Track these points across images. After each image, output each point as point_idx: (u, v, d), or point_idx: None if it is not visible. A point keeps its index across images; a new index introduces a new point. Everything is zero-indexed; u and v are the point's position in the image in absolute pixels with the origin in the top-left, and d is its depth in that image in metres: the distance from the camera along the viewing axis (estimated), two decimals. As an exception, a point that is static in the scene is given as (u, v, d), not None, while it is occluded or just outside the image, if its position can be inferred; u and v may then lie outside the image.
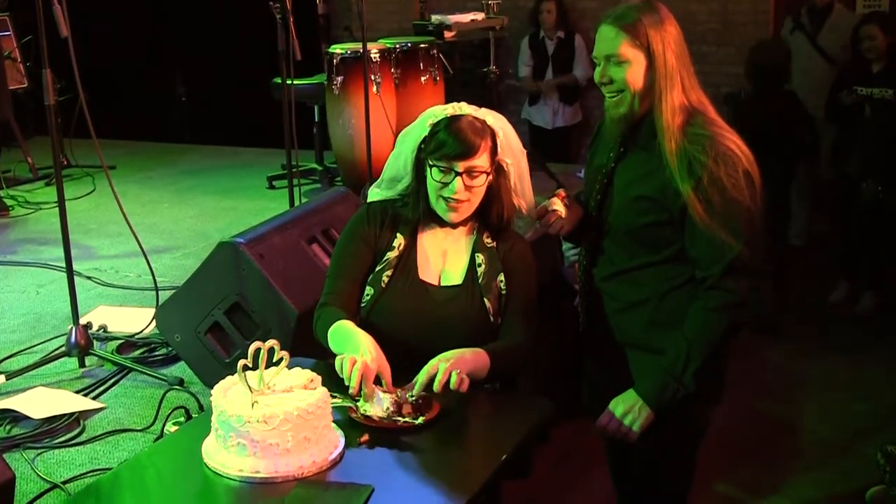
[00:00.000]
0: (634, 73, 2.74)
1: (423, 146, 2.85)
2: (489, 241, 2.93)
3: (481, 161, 2.79)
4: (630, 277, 2.89)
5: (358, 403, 2.55)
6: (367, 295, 2.88)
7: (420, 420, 2.50)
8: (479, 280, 2.87)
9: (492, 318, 2.86)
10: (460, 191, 2.78)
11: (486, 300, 2.85)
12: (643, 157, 2.81)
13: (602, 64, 2.79)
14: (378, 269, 2.89)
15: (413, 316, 2.83)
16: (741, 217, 2.69)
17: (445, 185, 2.79)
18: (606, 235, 2.93)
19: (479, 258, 2.90)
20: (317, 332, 2.85)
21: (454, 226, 2.92)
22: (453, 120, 2.81)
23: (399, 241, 2.90)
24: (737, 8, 8.11)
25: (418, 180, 2.89)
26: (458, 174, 2.77)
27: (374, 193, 3.06)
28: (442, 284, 2.89)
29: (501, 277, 2.89)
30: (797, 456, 4.84)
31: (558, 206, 2.91)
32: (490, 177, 2.84)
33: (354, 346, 2.64)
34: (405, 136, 2.93)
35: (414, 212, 2.90)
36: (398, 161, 2.95)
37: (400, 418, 2.51)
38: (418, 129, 2.88)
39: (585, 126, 8.42)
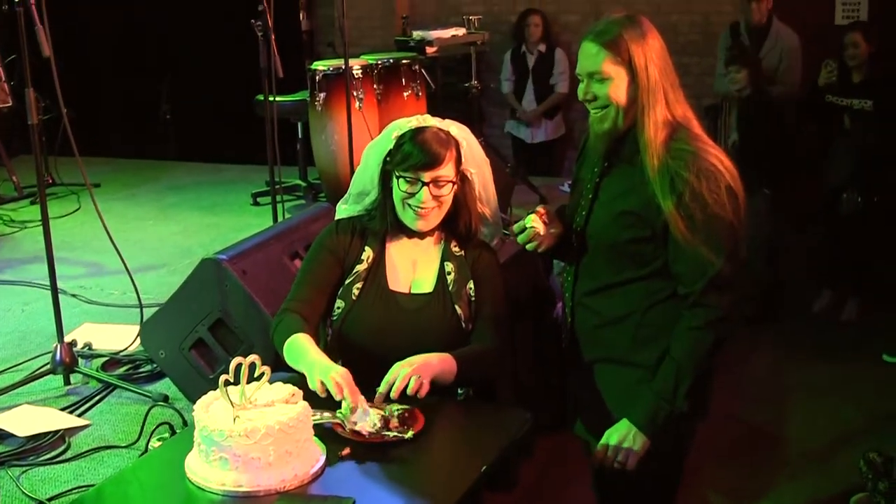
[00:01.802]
0: (617, 90, 2.73)
1: (388, 158, 2.89)
2: (457, 249, 2.98)
3: (447, 171, 2.84)
4: (614, 292, 2.89)
5: (343, 417, 2.56)
6: (339, 308, 2.91)
7: (409, 434, 2.51)
8: (450, 287, 2.91)
9: (464, 325, 2.90)
10: (427, 200, 2.83)
11: (457, 307, 2.89)
12: (627, 171, 2.81)
13: (585, 81, 2.79)
14: (348, 281, 2.92)
15: (386, 326, 2.86)
16: (723, 233, 2.69)
17: (412, 195, 2.84)
18: (591, 250, 2.92)
19: (449, 266, 2.94)
20: (274, 339, 2.87)
21: (422, 236, 2.96)
22: (418, 131, 2.86)
23: (368, 253, 2.93)
24: (719, 20, 8.13)
25: (384, 192, 2.93)
26: (424, 184, 2.82)
27: (342, 210, 3.10)
28: (412, 293, 2.93)
29: (471, 285, 2.94)
30: (781, 463, 4.86)
31: (536, 223, 2.89)
32: (456, 186, 2.89)
33: (311, 363, 2.65)
34: (370, 150, 2.98)
35: (381, 223, 2.94)
36: (365, 175, 2.99)
37: (388, 433, 2.52)
38: (383, 142, 2.92)
39: (569, 139, 8.46)
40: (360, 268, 2.92)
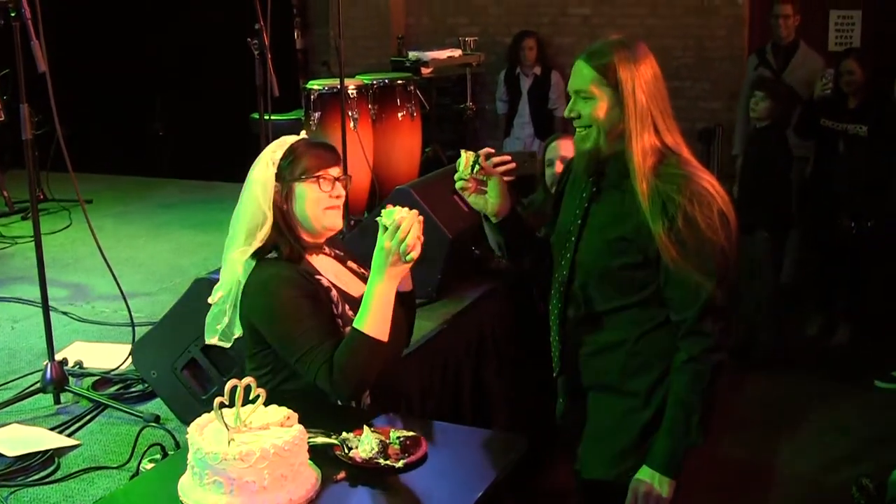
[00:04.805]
0: (600, 110, 2.74)
1: (286, 176, 2.85)
2: (333, 250, 3.05)
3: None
4: (604, 320, 2.88)
5: (340, 439, 2.55)
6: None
7: (401, 463, 2.49)
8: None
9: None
10: (342, 193, 2.89)
11: None
12: (617, 196, 2.80)
13: (573, 98, 2.81)
14: (339, 309, 2.85)
15: None
16: (715, 257, 2.68)
17: (326, 193, 2.86)
18: (581, 277, 2.90)
19: (351, 261, 3.04)
20: (331, 385, 2.72)
21: (320, 252, 2.99)
22: (303, 141, 2.92)
23: (323, 280, 2.86)
24: (712, 44, 8.19)
25: (282, 217, 2.88)
26: (336, 179, 2.88)
27: (237, 255, 3.02)
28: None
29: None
30: (772, 489, 4.86)
31: (465, 158, 2.99)
32: None
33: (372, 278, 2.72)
34: (249, 185, 2.91)
35: (296, 247, 2.88)
36: (251, 208, 2.90)
37: (382, 460, 2.50)
38: (262, 172, 2.87)
39: (561, 161, 8.46)
40: (333, 293, 2.86)
